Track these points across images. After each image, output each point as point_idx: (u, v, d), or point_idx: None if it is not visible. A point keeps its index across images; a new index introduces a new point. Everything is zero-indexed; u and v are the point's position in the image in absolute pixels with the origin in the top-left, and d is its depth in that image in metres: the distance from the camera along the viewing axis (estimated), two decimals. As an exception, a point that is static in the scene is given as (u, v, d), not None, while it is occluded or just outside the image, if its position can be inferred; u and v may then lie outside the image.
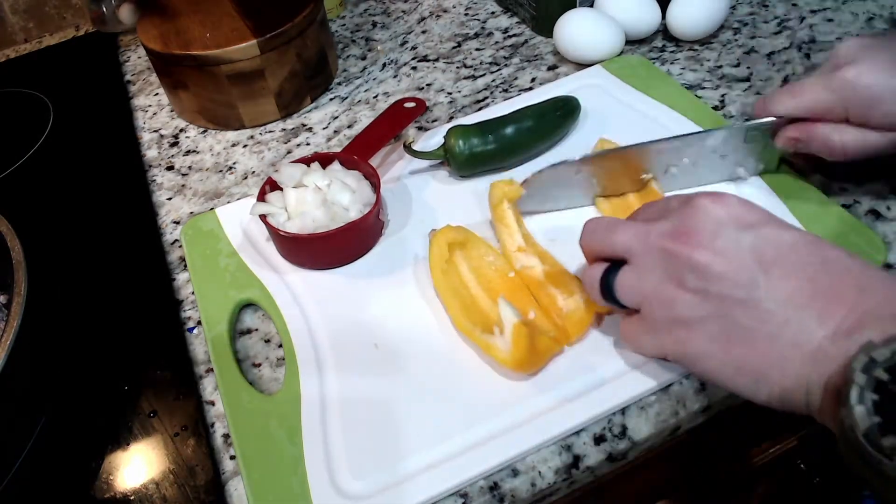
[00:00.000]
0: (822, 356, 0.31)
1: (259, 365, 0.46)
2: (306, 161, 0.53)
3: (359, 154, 0.54)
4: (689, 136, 0.49)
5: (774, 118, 0.48)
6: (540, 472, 0.39)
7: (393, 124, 0.58)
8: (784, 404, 0.33)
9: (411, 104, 0.60)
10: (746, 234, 0.34)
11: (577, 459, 0.39)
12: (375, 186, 0.51)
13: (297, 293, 0.49)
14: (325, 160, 0.53)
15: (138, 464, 0.43)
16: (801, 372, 0.31)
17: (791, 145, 0.47)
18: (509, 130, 0.54)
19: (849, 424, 0.28)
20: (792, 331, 0.32)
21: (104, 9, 0.79)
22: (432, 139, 0.60)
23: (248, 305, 0.50)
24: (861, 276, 0.32)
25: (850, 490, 0.75)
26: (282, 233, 0.48)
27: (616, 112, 0.59)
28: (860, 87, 0.43)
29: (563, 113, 0.56)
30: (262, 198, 0.51)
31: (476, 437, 0.39)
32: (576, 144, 0.57)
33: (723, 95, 0.61)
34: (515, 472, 0.39)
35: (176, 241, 0.56)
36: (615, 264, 0.38)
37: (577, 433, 0.40)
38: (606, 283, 0.38)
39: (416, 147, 0.58)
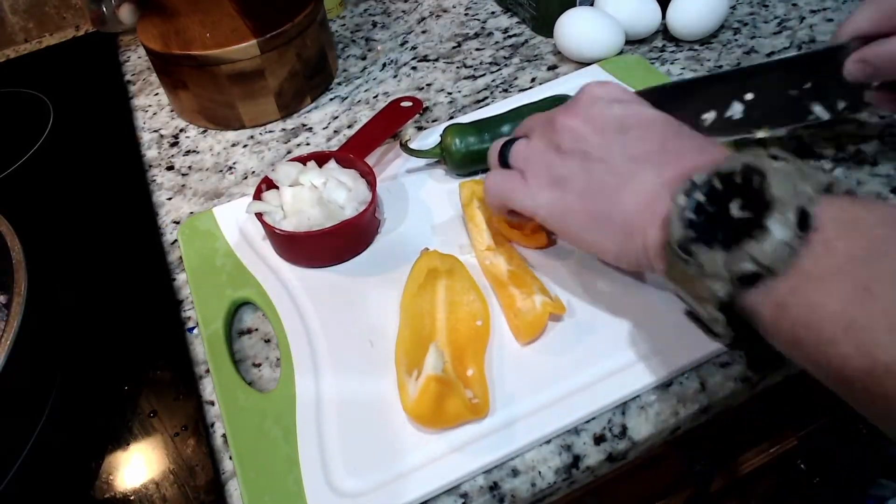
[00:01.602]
0: (656, 197, 0.35)
1: (259, 365, 0.46)
2: (303, 160, 0.53)
3: (355, 153, 0.54)
4: (748, 69, 0.46)
5: (841, 42, 0.43)
6: (540, 472, 0.39)
7: (390, 123, 0.58)
8: (626, 250, 0.37)
9: (408, 103, 0.60)
10: (616, 106, 0.39)
11: (577, 459, 0.39)
12: (371, 185, 0.52)
13: (293, 291, 0.49)
14: (321, 159, 0.53)
15: (138, 464, 0.43)
16: (640, 215, 0.36)
17: (859, 72, 0.42)
18: (505, 129, 0.54)
19: (670, 240, 0.32)
20: (636, 181, 0.36)
21: (104, 9, 0.79)
22: (429, 138, 0.60)
23: (249, 306, 0.50)
24: (704, 144, 0.37)
25: (851, 490, 0.75)
26: (277, 231, 0.48)
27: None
28: None
29: (559, 112, 0.56)
30: (258, 196, 0.51)
31: (472, 433, 0.39)
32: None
33: (723, 95, 0.61)
34: (515, 472, 0.39)
35: (176, 241, 0.56)
36: (516, 138, 0.44)
37: (577, 433, 0.40)
38: (504, 150, 0.43)
39: (413, 145, 0.58)
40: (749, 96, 0.46)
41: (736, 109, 0.46)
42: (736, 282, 0.29)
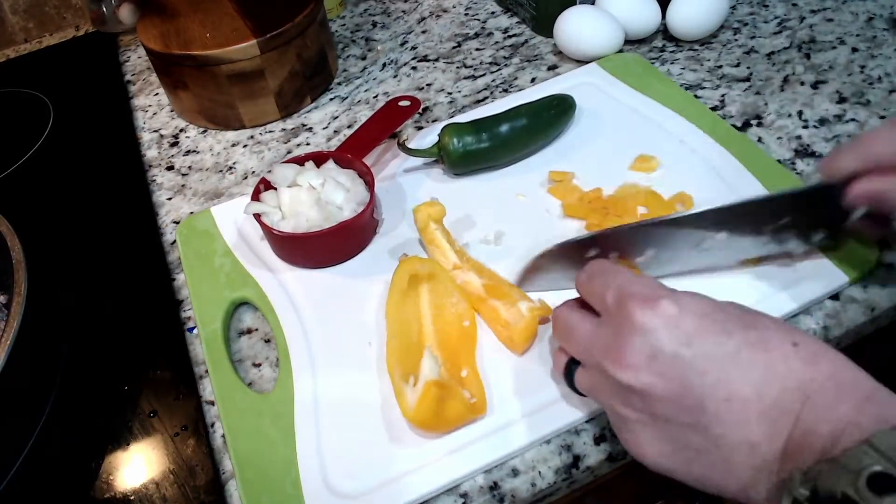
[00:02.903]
0: (769, 472, 0.30)
1: (259, 365, 0.46)
2: (301, 160, 0.53)
3: (353, 153, 0.54)
4: (720, 210, 0.41)
5: (827, 182, 0.40)
6: (540, 472, 0.39)
7: (387, 123, 0.58)
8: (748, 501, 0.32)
9: (406, 103, 0.60)
10: (684, 350, 0.32)
11: (577, 459, 0.39)
12: (370, 185, 0.52)
13: (292, 292, 0.49)
14: (319, 159, 0.53)
15: (138, 464, 0.43)
16: (757, 487, 0.31)
17: (863, 202, 0.39)
18: (503, 128, 0.54)
19: None
20: (744, 454, 0.31)
21: (104, 9, 0.79)
22: (427, 137, 0.60)
23: (249, 305, 0.50)
24: (805, 380, 0.31)
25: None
26: (276, 232, 0.48)
27: (611, 110, 0.59)
28: None
29: (557, 111, 0.56)
30: (256, 197, 0.51)
31: (470, 434, 0.39)
32: (571, 143, 0.57)
33: (723, 95, 0.61)
34: (516, 472, 0.39)
35: (176, 241, 0.56)
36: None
37: (577, 433, 0.40)
38: (569, 375, 0.38)
39: (410, 145, 0.58)
40: (722, 236, 0.43)
41: (707, 245, 0.43)
42: None
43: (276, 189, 0.51)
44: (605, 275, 0.37)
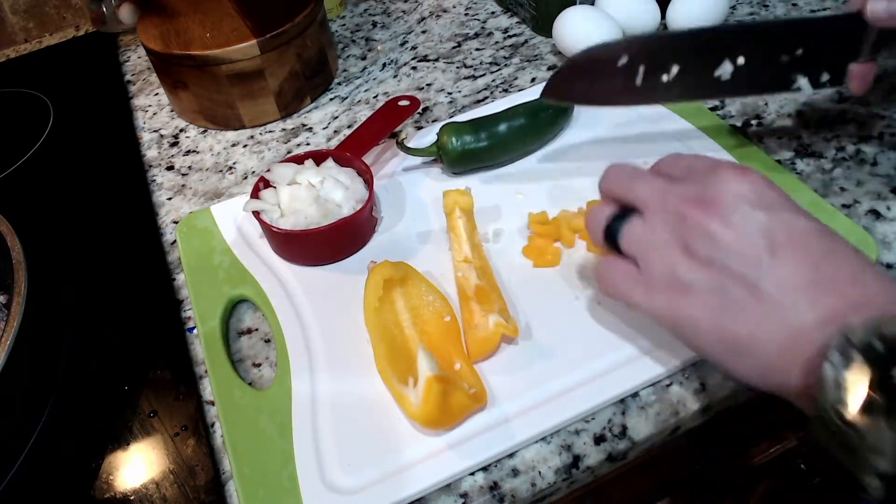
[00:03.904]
0: (806, 339, 0.31)
1: (259, 365, 0.46)
2: (300, 159, 0.53)
3: (352, 151, 0.54)
4: (748, 25, 0.45)
5: (852, 10, 0.42)
6: (540, 472, 0.39)
7: (387, 122, 0.58)
8: (763, 381, 0.34)
9: (405, 102, 0.60)
10: (762, 214, 0.34)
11: (577, 459, 0.39)
12: (369, 183, 0.52)
13: (290, 289, 0.49)
14: (318, 157, 0.53)
15: (138, 464, 0.43)
16: (784, 351, 0.32)
17: (884, 15, 0.40)
18: (502, 128, 0.54)
19: (821, 401, 0.29)
20: (783, 313, 0.32)
21: (104, 9, 0.79)
22: (426, 137, 0.60)
23: (249, 306, 0.50)
24: (858, 271, 0.33)
25: (850, 490, 0.75)
26: (274, 229, 0.49)
27: (610, 110, 0.59)
28: None
29: (555, 111, 0.56)
30: (255, 195, 0.51)
31: (466, 431, 0.39)
32: (569, 143, 0.57)
33: (723, 95, 0.61)
34: (516, 472, 0.39)
35: (176, 241, 0.56)
36: (625, 211, 0.39)
37: (577, 433, 0.40)
38: (612, 227, 0.39)
39: (409, 144, 0.58)
40: (741, 60, 0.45)
41: (725, 70, 0.45)
42: None
43: (275, 187, 0.51)
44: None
